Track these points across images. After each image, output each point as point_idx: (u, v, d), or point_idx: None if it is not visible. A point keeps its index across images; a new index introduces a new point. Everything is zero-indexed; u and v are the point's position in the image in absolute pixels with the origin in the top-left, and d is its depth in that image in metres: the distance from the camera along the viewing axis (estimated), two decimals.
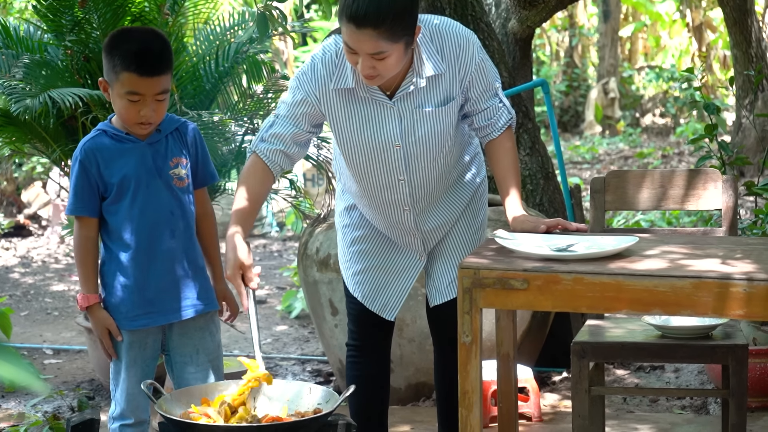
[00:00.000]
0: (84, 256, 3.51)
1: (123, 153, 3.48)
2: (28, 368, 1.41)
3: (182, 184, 3.53)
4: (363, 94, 3.46)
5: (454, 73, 3.46)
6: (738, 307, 2.90)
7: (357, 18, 3.20)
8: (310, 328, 6.85)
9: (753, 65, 9.57)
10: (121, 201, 3.47)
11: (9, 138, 5.40)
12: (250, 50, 5.40)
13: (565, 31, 21.02)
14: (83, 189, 3.47)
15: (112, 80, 3.41)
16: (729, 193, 4.02)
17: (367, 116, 3.48)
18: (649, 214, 8.98)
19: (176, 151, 3.53)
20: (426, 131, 3.50)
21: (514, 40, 6.19)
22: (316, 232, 5.17)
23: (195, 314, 3.56)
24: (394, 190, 3.59)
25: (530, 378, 4.79)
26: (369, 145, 3.51)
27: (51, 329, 7.07)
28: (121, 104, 3.41)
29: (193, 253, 3.57)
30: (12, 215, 10.98)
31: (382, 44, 3.23)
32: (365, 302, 3.75)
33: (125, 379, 3.53)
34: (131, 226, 3.47)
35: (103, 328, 3.51)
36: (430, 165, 3.57)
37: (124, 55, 3.38)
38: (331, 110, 3.48)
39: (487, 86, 3.52)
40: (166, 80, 3.42)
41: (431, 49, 3.43)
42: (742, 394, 3.66)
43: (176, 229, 3.51)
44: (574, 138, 18.04)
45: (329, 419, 3.14)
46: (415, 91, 3.45)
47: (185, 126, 3.58)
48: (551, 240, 3.27)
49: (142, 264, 3.49)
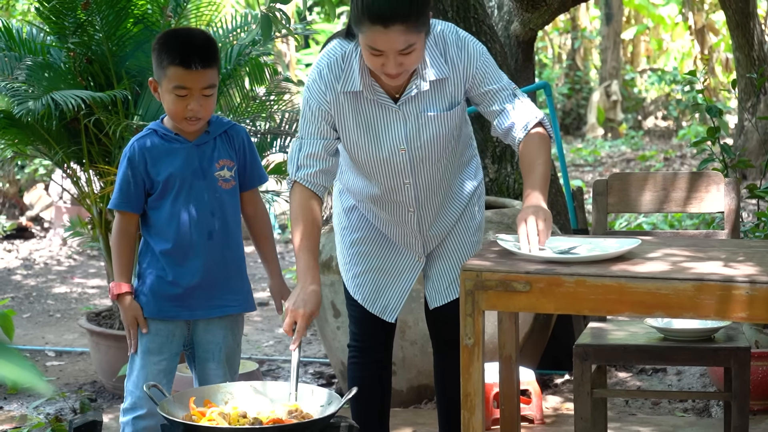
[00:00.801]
0: (121, 247, 3.59)
1: (170, 153, 3.55)
2: (31, 369, 1.42)
3: (227, 186, 3.59)
4: (370, 97, 3.46)
5: (458, 77, 3.45)
6: (740, 309, 2.90)
7: (384, 17, 3.19)
8: (313, 330, 6.85)
9: (755, 68, 9.56)
10: (165, 199, 3.55)
11: (11, 140, 5.41)
12: (253, 52, 5.40)
13: (567, 33, 21.02)
14: (128, 185, 3.55)
15: (161, 77, 3.49)
16: (731, 195, 4.02)
17: (374, 120, 3.49)
18: (651, 216, 8.97)
19: (223, 153, 3.59)
20: (430, 135, 3.50)
21: (517, 43, 6.19)
22: None
23: (222, 315, 3.61)
24: (400, 193, 3.60)
25: (532, 380, 4.79)
26: (375, 149, 3.51)
27: (53, 331, 7.07)
28: (170, 99, 3.48)
29: (231, 254, 3.62)
30: (14, 217, 10.99)
31: (412, 36, 3.24)
32: (365, 304, 3.75)
33: (144, 366, 3.57)
34: (171, 224, 3.54)
35: (131, 317, 3.57)
36: (434, 168, 3.58)
37: (170, 51, 3.46)
38: (341, 113, 3.48)
39: (501, 87, 3.48)
40: (212, 75, 3.49)
41: (435, 53, 3.43)
42: (745, 396, 3.66)
43: (214, 230, 3.57)
44: (576, 140, 18.04)
45: (331, 421, 3.14)
46: (420, 95, 3.45)
47: (234, 129, 3.65)
48: (553, 242, 3.27)
49: (177, 260, 3.56)
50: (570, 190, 5.71)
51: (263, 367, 5.97)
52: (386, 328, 3.80)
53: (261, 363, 6.02)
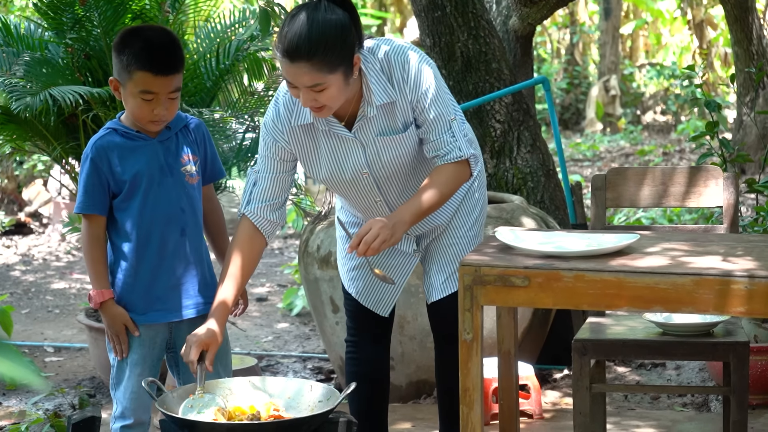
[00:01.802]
0: (94, 253, 3.50)
1: (134, 150, 3.48)
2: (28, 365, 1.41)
3: (193, 181, 3.54)
4: (323, 128, 3.48)
5: (405, 100, 3.44)
6: (739, 304, 2.90)
7: (289, 52, 3.23)
8: (311, 326, 6.85)
9: (754, 62, 9.56)
10: (133, 198, 3.47)
11: (10, 136, 5.40)
12: (251, 48, 5.40)
13: (566, 28, 21.01)
14: (94, 187, 3.47)
15: (124, 79, 3.41)
16: (730, 190, 4.01)
17: (332, 149, 3.50)
18: (650, 211, 8.98)
19: (185, 148, 3.54)
20: (390, 157, 3.51)
21: (515, 38, 6.19)
22: (317, 230, 5.17)
23: (203, 313, 3.54)
24: (375, 209, 3.63)
25: (531, 375, 4.79)
26: (339, 176, 3.54)
27: (52, 327, 7.07)
28: (135, 103, 3.41)
29: (201, 250, 3.58)
30: (13, 213, 10.98)
31: (318, 76, 3.24)
32: (359, 298, 3.76)
33: (130, 377, 3.51)
34: (142, 224, 3.47)
35: (119, 324, 3.49)
36: (401, 183, 3.59)
37: (137, 54, 3.37)
38: (298, 147, 3.51)
39: (440, 118, 3.45)
40: (178, 79, 3.43)
41: (381, 77, 3.42)
42: (743, 391, 3.66)
43: (186, 226, 3.52)
44: (575, 135, 18.04)
45: (330, 417, 3.14)
46: (371, 120, 3.46)
47: (192, 123, 3.60)
48: (552, 237, 3.28)
49: (151, 261, 3.49)
50: (569, 185, 5.70)
51: (262, 363, 5.97)
52: (382, 323, 3.81)
53: (260, 358, 6.02)
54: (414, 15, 5.95)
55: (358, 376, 3.74)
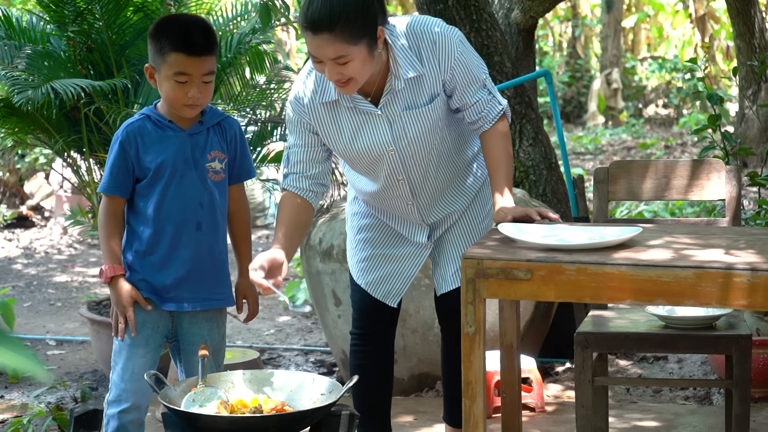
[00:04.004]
0: (110, 229, 3.52)
1: (163, 140, 3.50)
2: (31, 358, 1.41)
3: (217, 178, 3.55)
4: (348, 105, 3.49)
5: (434, 72, 3.46)
6: (741, 297, 2.89)
7: (312, 24, 3.25)
8: (313, 319, 6.86)
9: (756, 56, 9.55)
10: (155, 186, 3.49)
11: (12, 129, 5.41)
12: (253, 41, 5.40)
13: (567, 21, 21.00)
14: (119, 169, 3.50)
15: (159, 64, 3.43)
16: (732, 183, 4.01)
17: (358, 126, 3.52)
18: (652, 204, 8.97)
19: (215, 144, 3.55)
20: (416, 131, 3.52)
21: (517, 31, 6.18)
22: (319, 223, 5.17)
23: (207, 308, 3.55)
24: (395, 189, 3.63)
25: (533, 368, 4.79)
26: (363, 154, 3.55)
27: (54, 320, 7.07)
28: (169, 86, 3.43)
29: (217, 247, 3.58)
30: (15, 206, 10.99)
31: (341, 47, 3.26)
32: (368, 289, 3.76)
33: (130, 357, 3.50)
34: (160, 212, 3.49)
35: (127, 299, 3.49)
36: (425, 161, 3.60)
37: (171, 37, 3.41)
38: (322, 125, 3.53)
39: (473, 79, 3.51)
40: (212, 61, 3.45)
41: (408, 51, 3.44)
42: (746, 384, 3.66)
43: (203, 221, 3.52)
44: (576, 129, 18.04)
45: (332, 410, 3.14)
46: (398, 94, 3.47)
47: (227, 121, 3.60)
48: (554, 230, 3.27)
49: (162, 249, 3.51)
50: (571, 178, 5.70)
51: (264, 356, 5.97)
52: (387, 318, 3.81)
53: (262, 351, 6.03)
54: (416, 8, 5.94)
55: (363, 369, 3.74)
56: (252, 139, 5.33)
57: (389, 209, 3.71)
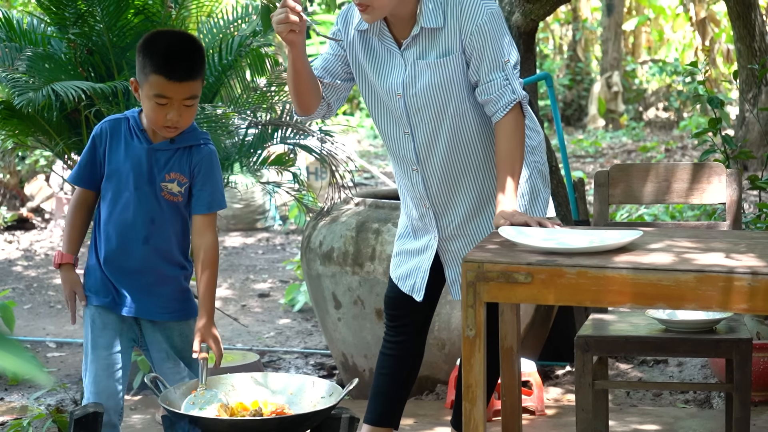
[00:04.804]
0: (73, 217, 3.55)
1: (128, 146, 3.48)
2: (31, 360, 1.41)
3: (174, 200, 3.48)
4: (377, 40, 3.62)
5: (454, 31, 3.52)
6: (742, 301, 2.89)
7: None
8: (314, 322, 6.85)
9: (757, 59, 9.55)
10: (107, 190, 3.49)
11: (12, 131, 5.40)
12: (254, 43, 5.39)
13: (568, 24, 21.00)
14: (86, 162, 3.52)
15: (142, 81, 3.41)
16: (733, 186, 4.01)
17: (379, 62, 3.63)
18: (652, 208, 8.97)
19: (177, 167, 3.48)
20: (425, 82, 3.57)
21: (518, 34, 6.18)
22: (319, 226, 5.17)
23: (159, 320, 3.51)
24: (401, 144, 3.69)
25: (534, 372, 4.79)
26: (376, 92, 3.66)
27: (54, 322, 7.07)
28: (149, 106, 3.40)
29: (169, 270, 3.51)
30: (15, 208, 10.99)
31: None
32: (399, 283, 3.85)
33: (93, 360, 3.47)
34: (110, 218, 3.49)
35: (70, 288, 3.54)
36: (433, 123, 3.62)
37: (154, 58, 3.36)
38: (353, 51, 3.68)
39: (492, 55, 3.51)
40: (195, 86, 3.40)
41: (436, 3, 3.52)
42: (746, 388, 3.66)
43: (151, 237, 3.47)
44: (577, 132, 18.04)
45: (332, 413, 3.14)
46: (418, 41, 3.56)
47: (198, 149, 3.51)
48: (554, 234, 3.27)
49: (111, 256, 3.49)
50: (571, 182, 5.70)
51: (264, 359, 5.97)
52: (421, 314, 3.87)
53: (262, 354, 6.03)
54: None
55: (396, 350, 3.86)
56: (252, 142, 5.33)
57: (400, 171, 3.76)
